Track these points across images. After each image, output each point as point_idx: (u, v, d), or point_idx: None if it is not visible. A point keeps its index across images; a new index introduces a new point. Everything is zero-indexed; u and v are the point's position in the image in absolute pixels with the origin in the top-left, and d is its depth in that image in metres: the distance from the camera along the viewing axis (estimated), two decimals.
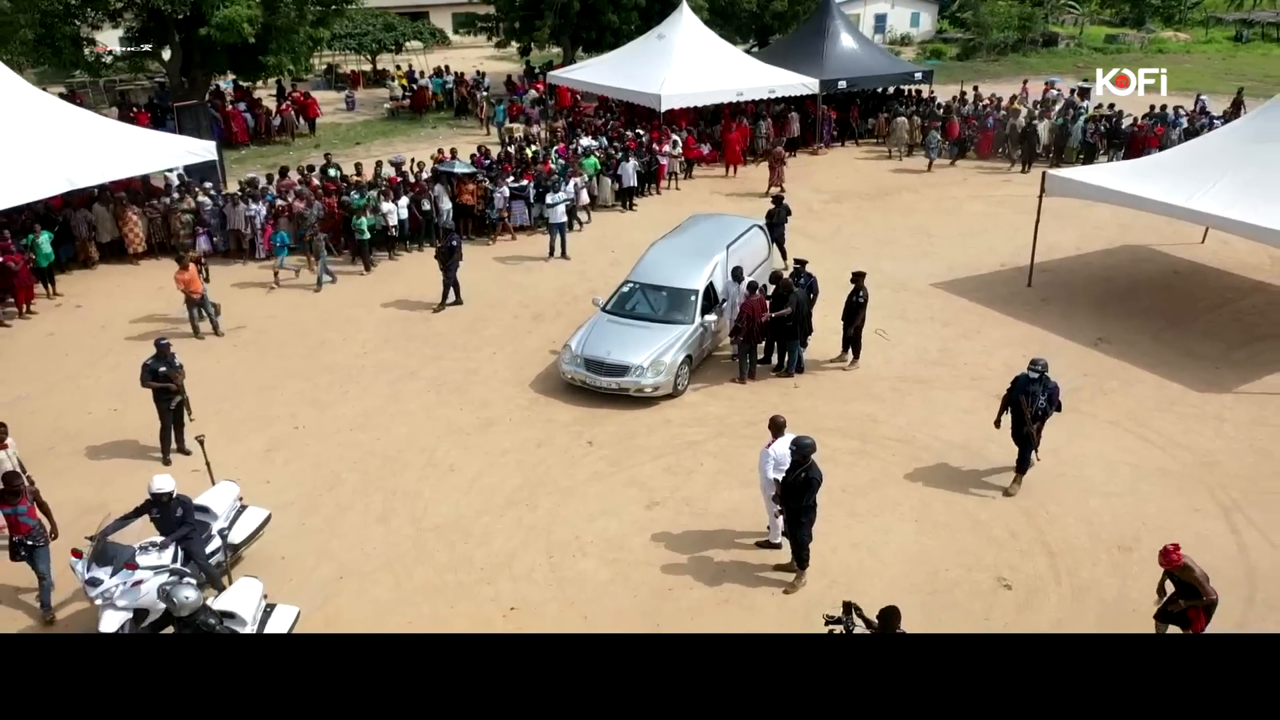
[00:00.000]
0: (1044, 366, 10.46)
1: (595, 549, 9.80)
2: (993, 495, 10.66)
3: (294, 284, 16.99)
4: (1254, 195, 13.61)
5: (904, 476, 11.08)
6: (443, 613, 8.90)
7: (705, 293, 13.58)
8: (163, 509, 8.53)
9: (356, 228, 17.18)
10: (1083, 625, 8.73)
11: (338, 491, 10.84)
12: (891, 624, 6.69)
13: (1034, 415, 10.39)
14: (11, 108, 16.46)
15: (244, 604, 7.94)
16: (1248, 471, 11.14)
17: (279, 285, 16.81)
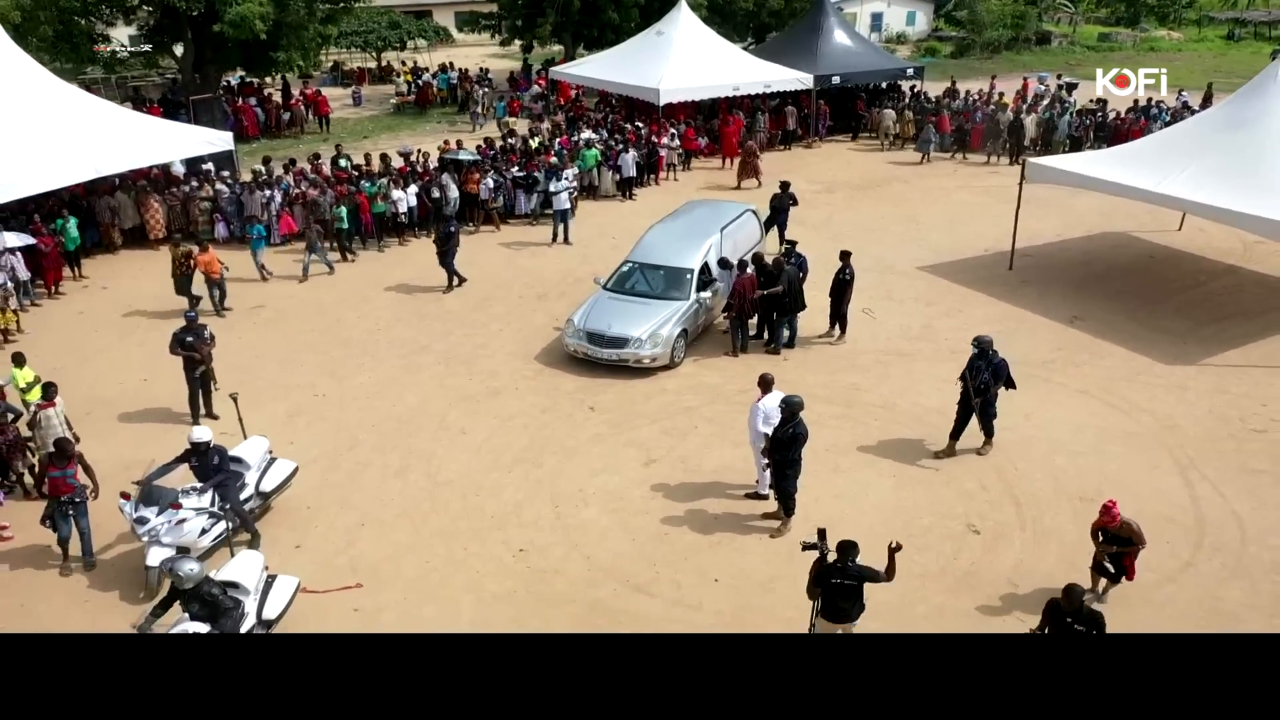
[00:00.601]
0: (987, 344, 11.04)
1: (597, 500, 10.61)
2: (966, 455, 11.45)
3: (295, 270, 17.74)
4: (1219, 180, 14.41)
5: (884, 438, 11.87)
6: (457, 554, 9.70)
7: (700, 271, 14.37)
8: (201, 457, 9.34)
9: (336, 216, 17.75)
10: (1043, 565, 9.52)
11: (357, 451, 11.65)
12: (849, 554, 7.44)
13: (977, 389, 10.98)
14: (40, 99, 17.28)
15: (247, 575, 8.34)
16: (1205, 434, 11.94)
17: (270, 276, 17.20)
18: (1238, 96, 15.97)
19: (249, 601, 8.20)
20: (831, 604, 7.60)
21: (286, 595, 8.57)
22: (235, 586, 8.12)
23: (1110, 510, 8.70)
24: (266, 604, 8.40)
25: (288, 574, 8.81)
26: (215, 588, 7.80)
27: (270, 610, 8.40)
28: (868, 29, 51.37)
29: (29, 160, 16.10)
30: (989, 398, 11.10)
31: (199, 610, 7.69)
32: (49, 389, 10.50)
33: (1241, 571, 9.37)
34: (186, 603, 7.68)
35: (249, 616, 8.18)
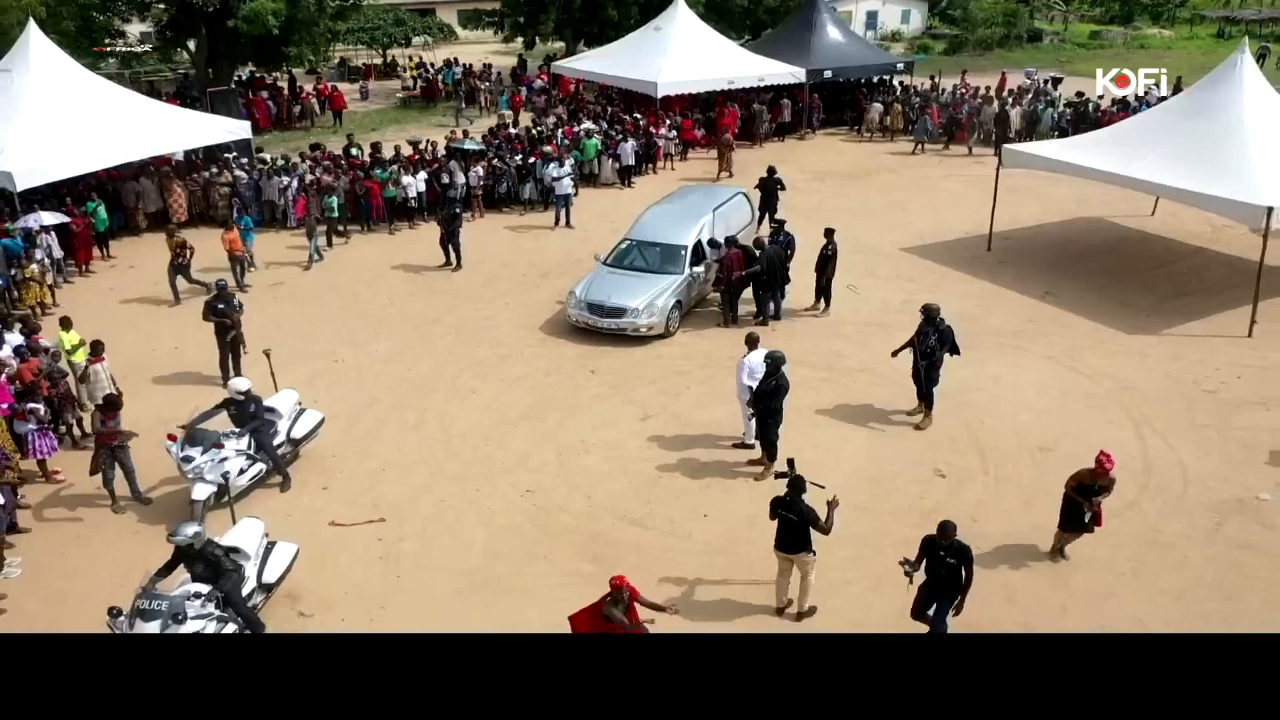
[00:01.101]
0: (934, 311, 11.79)
1: (597, 449, 11.59)
2: (941, 408, 12.39)
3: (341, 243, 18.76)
4: (1180, 163, 15.38)
5: (863, 399, 12.84)
6: (469, 494, 10.68)
7: (694, 248, 15.35)
8: (239, 406, 10.33)
9: (326, 206, 18.54)
10: (1001, 504, 10.50)
11: (376, 408, 12.64)
12: (798, 490, 8.34)
13: (923, 353, 11.76)
14: (70, 88, 18.26)
15: (248, 540, 8.72)
16: (1159, 394, 12.92)
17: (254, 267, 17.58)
18: (1200, 86, 16.95)
19: (249, 566, 8.56)
20: (780, 534, 8.48)
21: (286, 560, 8.93)
22: (237, 551, 8.48)
23: (1104, 463, 9.08)
24: (266, 568, 8.74)
25: (288, 540, 9.21)
26: (218, 549, 8.17)
27: (270, 574, 8.75)
28: (863, 27, 52.37)
29: (61, 146, 17.10)
30: (934, 361, 11.80)
31: (202, 571, 8.04)
32: (97, 346, 11.50)
33: (1181, 510, 10.34)
34: (190, 564, 8.07)
35: (249, 580, 8.52)
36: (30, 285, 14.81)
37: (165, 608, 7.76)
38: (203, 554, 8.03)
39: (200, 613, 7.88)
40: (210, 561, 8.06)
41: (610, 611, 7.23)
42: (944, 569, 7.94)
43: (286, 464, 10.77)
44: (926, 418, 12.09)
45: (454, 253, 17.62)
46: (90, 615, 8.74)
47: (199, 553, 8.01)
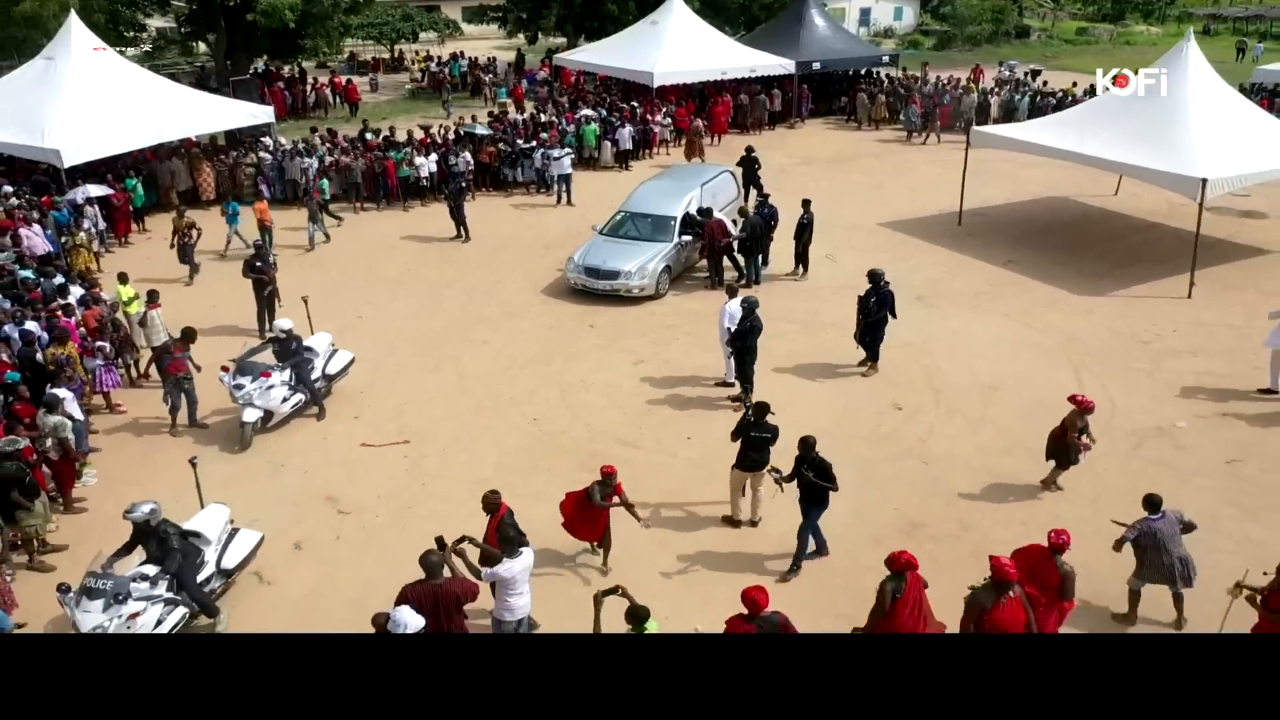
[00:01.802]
0: (879, 275, 13.06)
1: (596, 388, 13.07)
2: (898, 359, 13.86)
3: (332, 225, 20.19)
4: (1131, 141, 16.86)
5: (833, 347, 14.27)
6: (483, 422, 12.17)
7: (683, 219, 16.81)
8: (282, 343, 11.82)
9: (319, 189, 19.70)
10: (950, 430, 11.97)
11: (396, 355, 14.12)
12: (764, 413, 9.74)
13: (865, 312, 12.99)
14: (109, 74, 19.76)
15: (210, 526, 8.82)
16: (1100, 345, 14.39)
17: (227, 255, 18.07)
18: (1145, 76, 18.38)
19: (209, 551, 8.63)
20: (745, 455, 9.70)
21: (248, 547, 8.99)
22: (197, 536, 8.54)
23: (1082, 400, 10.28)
24: (226, 554, 8.75)
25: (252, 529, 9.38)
26: (172, 529, 8.18)
27: (229, 560, 8.76)
28: (856, 24, 53.85)
29: (102, 127, 18.59)
30: (878, 320, 13.01)
31: (155, 550, 8.10)
32: (153, 294, 12.97)
33: (1105, 434, 11.76)
34: (146, 542, 8.14)
35: (208, 565, 8.55)
36: (79, 251, 16.24)
37: (109, 587, 7.74)
38: (157, 532, 8.03)
39: (146, 594, 7.82)
40: (163, 539, 8.05)
41: (593, 490, 8.71)
42: (806, 481, 9.04)
43: (322, 396, 12.25)
44: (873, 368, 13.37)
45: (461, 226, 19.09)
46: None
47: (154, 530, 8.01)
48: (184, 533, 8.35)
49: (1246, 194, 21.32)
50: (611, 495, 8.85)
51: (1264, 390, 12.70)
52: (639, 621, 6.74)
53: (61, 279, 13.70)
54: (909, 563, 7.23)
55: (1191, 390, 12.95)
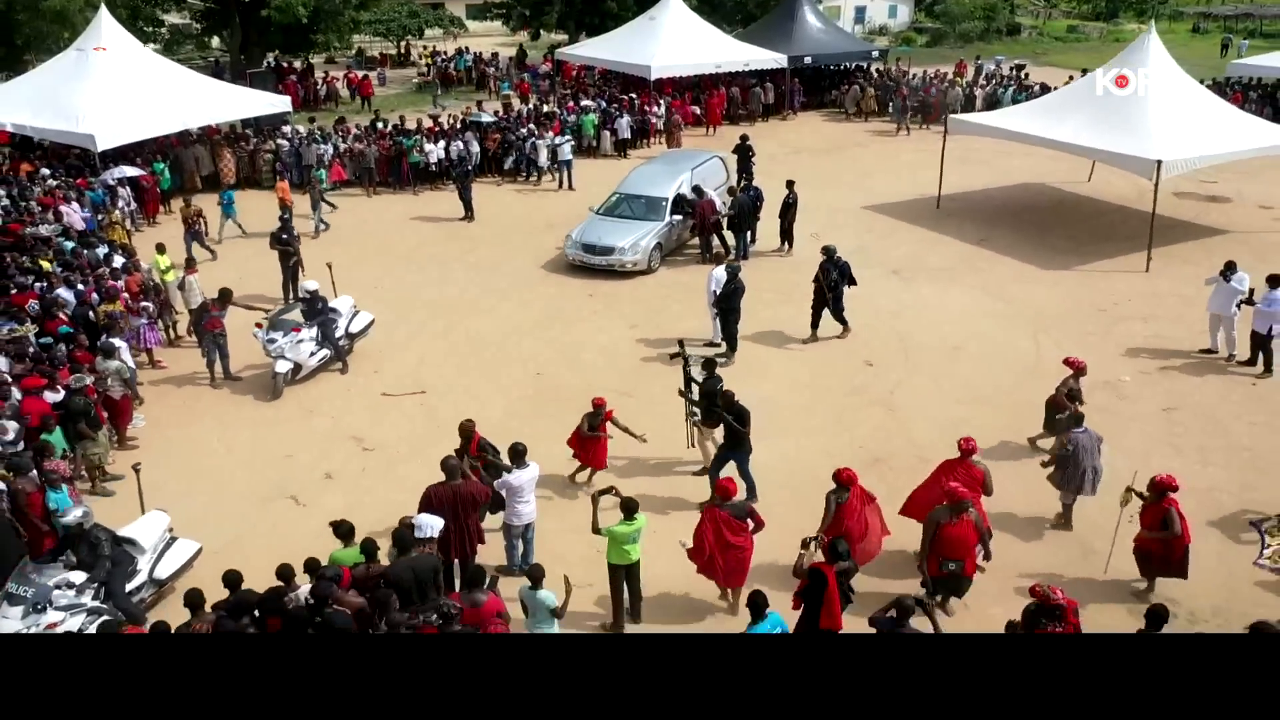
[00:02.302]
0: (832, 250, 14.18)
1: (593, 349, 14.28)
2: (877, 322, 15.06)
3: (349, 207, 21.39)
4: (1095, 126, 18.08)
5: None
6: (491, 376, 13.39)
7: (674, 200, 18.02)
8: (309, 303, 13.04)
9: (316, 178, 20.57)
10: (915, 384, 13.17)
11: (411, 320, 15.34)
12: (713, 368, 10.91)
13: (829, 285, 14.11)
14: (137, 64, 21.00)
15: (146, 534, 8.60)
16: (1060, 313, 15.59)
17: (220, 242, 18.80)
18: (1115, 61, 19.60)
19: (143, 560, 8.41)
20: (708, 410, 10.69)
21: (184, 557, 8.78)
22: (132, 544, 8.33)
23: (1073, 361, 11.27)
24: (161, 563, 8.52)
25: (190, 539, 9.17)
26: (104, 534, 7.98)
27: (163, 570, 8.51)
28: (851, 21, 55.06)
29: (132, 113, 19.82)
30: (838, 293, 14.15)
31: (86, 555, 7.87)
32: (190, 261, 14.21)
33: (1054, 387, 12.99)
34: (76, 548, 7.91)
35: (141, 573, 8.33)
36: (114, 228, 17.44)
37: (30, 595, 7.55)
38: (88, 537, 7.87)
39: (70, 603, 7.58)
40: (93, 545, 7.88)
41: (583, 422, 9.94)
42: (729, 427, 9.95)
43: (345, 353, 13.48)
44: (846, 331, 14.41)
45: (468, 207, 20.32)
46: (198, 451, 11.52)
47: (85, 535, 7.86)
48: (117, 539, 8.13)
49: (1214, 181, 22.64)
50: (602, 424, 10.06)
51: (1204, 350, 13.91)
52: (630, 514, 7.96)
53: (105, 249, 14.91)
54: (850, 477, 8.45)
55: (1138, 350, 14.16)
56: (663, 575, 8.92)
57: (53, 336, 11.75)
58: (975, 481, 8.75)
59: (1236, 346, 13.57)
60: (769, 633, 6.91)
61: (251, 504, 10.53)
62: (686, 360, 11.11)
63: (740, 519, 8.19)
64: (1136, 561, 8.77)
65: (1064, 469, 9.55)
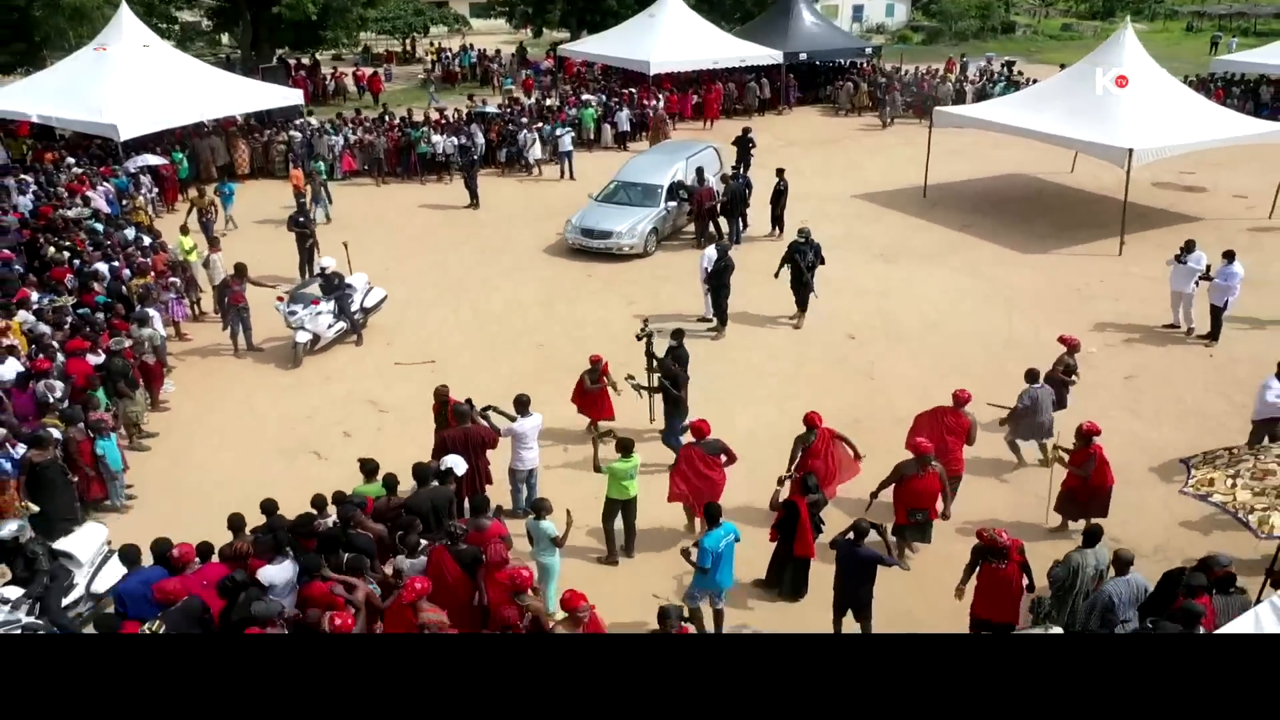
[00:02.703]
0: (807, 231, 15.02)
1: (592, 325, 15.16)
2: (860, 301, 15.94)
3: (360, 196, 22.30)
4: (1069, 116, 18.94)
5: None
6: (497, 348, 14.28)
7: (669, 187, 18.91)
8: (326, 279, 13.94)
9: (315, 170, 21.25)
10: (897, 357, 14.05)
11: (421, 299, 16.24)
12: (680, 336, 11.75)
13: (806, 266, 14.88)
14: (156, 59, 21.91)
15: (83, 548, 8.48)
16: (1035, 292, 16.46)
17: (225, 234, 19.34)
18: (1092, 55, 20.47)
19: (80, 574, 8.32)
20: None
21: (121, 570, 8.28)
22: (69, 558, 8.24)
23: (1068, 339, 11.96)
24: (98, 578, 8.36)
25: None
26: (41, 548, 7.90)
27: (101, 584, 8.33)
28: (849, 20, 55.93)
29: (152, 105, 20.73)
30: (814, 268, 14.92)
31: (21, 570, 7.75)
32: (215, 241, 15.10)
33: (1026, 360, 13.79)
34: (13, 563, 7.78)
35: (78, 588, 8.22)
36: (138, 213, 18.35)
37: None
38: (24, 551, 7.77)
39: (5, 619, 7.39)
40: (29, 560, 7.77)
41: (584, 377, 10.82)
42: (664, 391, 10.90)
43: (360, 326, 14.37)
44: (801, 318, 15.08)
45: (473, 195, 21.24)
46: (225, 413, 12.41)
47: (21, 549, 7.75)
48: (54, 553, 8.06)
49: (1192, 172, 23.52)
50: (600, 377, 10.95)
51: (1167, 325, 14.79)
52: (627, 451, 8.87)
53: (133, 230, 15.82)
54: (815, 420, 9.34)
55: (1106, 326, 15.04)
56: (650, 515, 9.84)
57: (90, 308, 12.65)
58: (961, 430, 9.63)
59: (1195, 321, 14.45)
60: (723, 538, 7.86)
61: (277, 458, 11.42)
62: (650, 339, 11.84)
63: (713, 454, 9.10)
64: (1061, 503, 9.64)
65: (1020, 420, 10.44)
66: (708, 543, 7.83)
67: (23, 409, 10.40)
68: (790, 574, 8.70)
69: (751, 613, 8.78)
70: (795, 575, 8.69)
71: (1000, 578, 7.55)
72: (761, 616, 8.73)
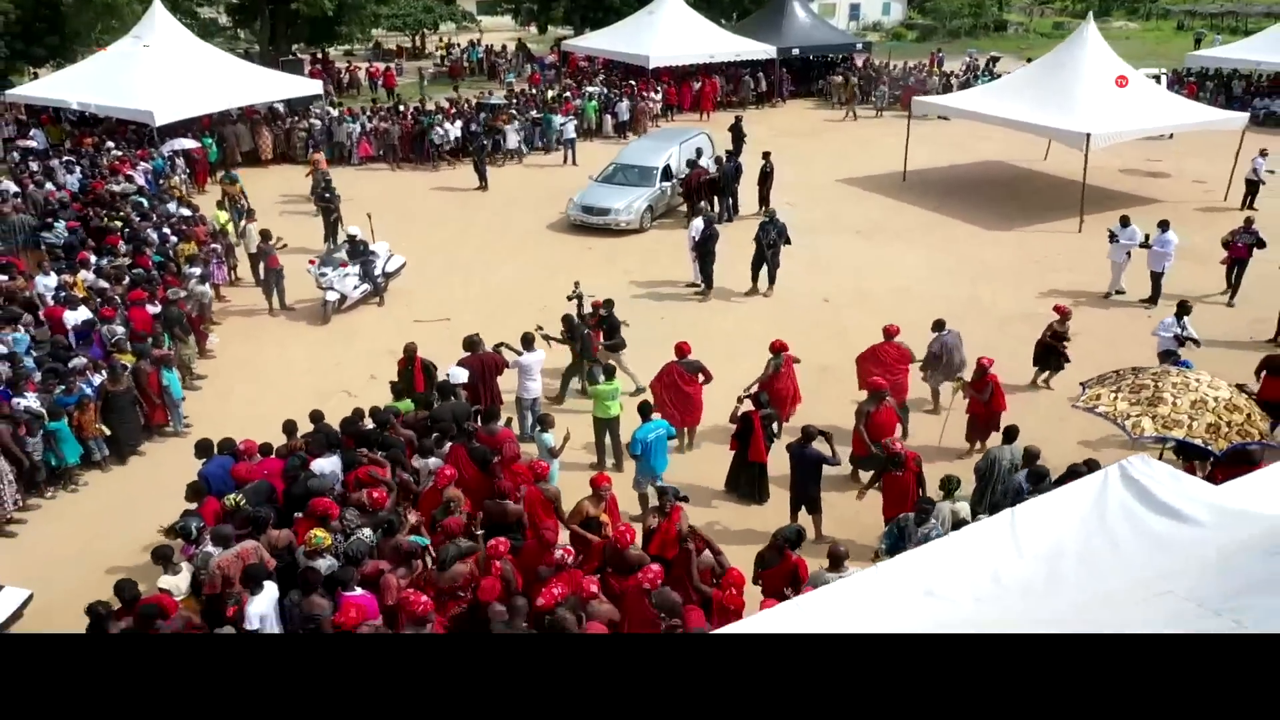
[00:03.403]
0: (773, 212, 16.60)
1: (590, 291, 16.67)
2: (838, 273, 17.46)
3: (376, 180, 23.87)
4: (1035, 104, 20.46)
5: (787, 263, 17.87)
6: (506, 311, 15.77)
7: (663, 169, 20.47)
8: (352, 244, 15.51)
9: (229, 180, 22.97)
10: (866, 318, 15.48)
11: (433, 269, 17.79)
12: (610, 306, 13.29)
13: (768, 244, 16.27)
14: (188, 51, 23.51)
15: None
16: (998, 265, 17.98)
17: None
18: (1060, 48, 22.00)
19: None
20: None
21: (11, 607, 8.29)
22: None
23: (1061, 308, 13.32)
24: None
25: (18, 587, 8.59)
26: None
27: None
28: (846, 18, 57.40)
29: (185, 93, 22.33)
30: (777, 249, 16.32)
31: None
32: (251, 213, 16.67)
33: (982, 320, 15.38)
34: None
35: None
36: (174, 191, 19.94)
37: None
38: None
39: None
40: None
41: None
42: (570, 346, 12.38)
43: (382, 289, 15.93)
44: (770, 288, 16.44)
45: (482, 178, 22.83)
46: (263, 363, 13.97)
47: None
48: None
49: (1159, 160, 25.03)
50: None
51: (1114, 292, 16.32)
52: (609, 375, 10.44)
53: (174, 204, 17.42)
54: (781, 346, 10.89)
55: (1060, 293, 16.50)
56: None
57: (144, 268, 14.23)
58: (904, 358, 11.21)
59: (1122, 284, 16.23)
60: (652, 430, 9.52)
61: (312, 396, 12.89)
62: (580, 300, 13.28)
63: (692, 373, 10.64)
64: (969, 430, 11.16)
65: (935, 364, 11.97)
66: (638, 433, 9.48)
67: (92, 350, 11.99)
68: (746, 478, 10.23)
69: (716, 511, 10.31)
70: (752, 479, 10.22)
71: (899, 484, 9.02)
72: (726, 515, 10.26)
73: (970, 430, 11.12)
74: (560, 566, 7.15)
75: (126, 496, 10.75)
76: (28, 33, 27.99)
